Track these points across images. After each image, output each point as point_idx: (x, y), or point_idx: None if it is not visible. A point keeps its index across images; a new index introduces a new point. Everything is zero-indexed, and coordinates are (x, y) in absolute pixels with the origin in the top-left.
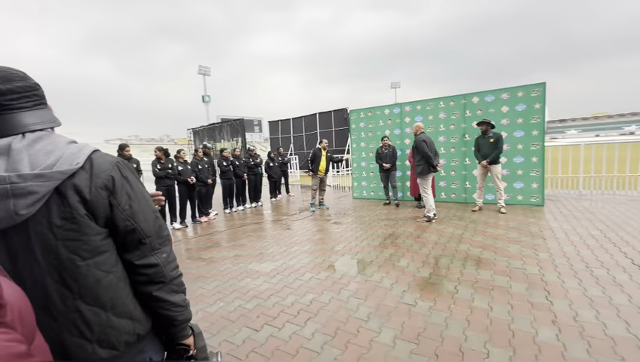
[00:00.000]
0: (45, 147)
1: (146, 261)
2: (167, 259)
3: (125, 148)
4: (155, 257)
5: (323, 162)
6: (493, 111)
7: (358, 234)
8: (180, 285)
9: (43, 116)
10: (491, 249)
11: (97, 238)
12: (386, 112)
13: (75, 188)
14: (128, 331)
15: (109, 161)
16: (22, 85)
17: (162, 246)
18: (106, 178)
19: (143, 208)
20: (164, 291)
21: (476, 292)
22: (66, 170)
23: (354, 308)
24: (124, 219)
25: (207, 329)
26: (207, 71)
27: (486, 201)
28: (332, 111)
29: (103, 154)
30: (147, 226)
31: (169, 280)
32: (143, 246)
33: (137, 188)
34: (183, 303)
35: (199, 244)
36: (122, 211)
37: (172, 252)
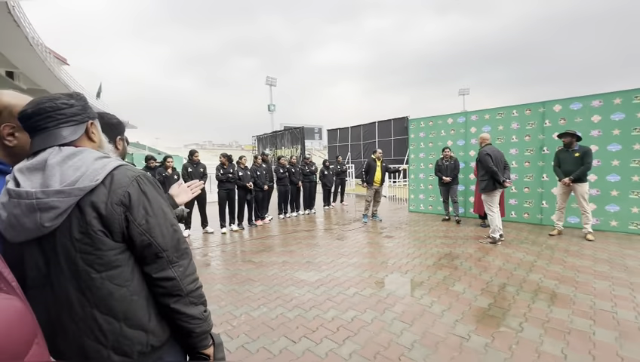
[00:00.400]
0: (75, 163)
1: (163, 274)
2: (184, 273)
3: (195, 154)
4: (172, 271)
5: (378, 173)
6: (580, 120)
7: (411, 251)
8: (199, 297)
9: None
10: (571, 283)
11: (111, 253)
12: (449, 121)
13: (92, 205)
14: (141, 342)
15: (129, 176)
16: (44, 106)
17: (180, 260)
18: (122, 194)
19: (160, 222)
20: (181, 303)
21: (547, 333)
22: (84, 186)
23: (397, 332)
24: (140, 234)
25: (248, 333)
26: (273, 81)
27: (568, 225)
28: (392, 120)
29: (126, 169)
30: (164, 241)
31: (186, 293)
32: (160, 260)
33: (156, 202)
34: (200, 316)
35: (252, 247)
36: (138, 226)
37: (191, 265)
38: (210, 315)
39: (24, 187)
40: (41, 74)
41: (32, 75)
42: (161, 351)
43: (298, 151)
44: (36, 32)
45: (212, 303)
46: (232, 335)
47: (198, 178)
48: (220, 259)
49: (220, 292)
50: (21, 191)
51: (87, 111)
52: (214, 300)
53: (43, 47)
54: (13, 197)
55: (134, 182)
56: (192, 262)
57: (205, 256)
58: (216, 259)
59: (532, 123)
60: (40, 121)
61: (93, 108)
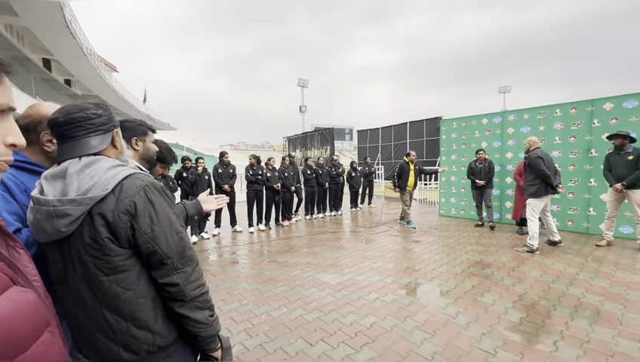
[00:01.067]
0: (91, 172)
1: (167, 280)
2: (187, 279)
3: (224, 156)
4: (176, 276)
5: (412, 176)
6: (635, 120)
7: (439, 258)
8: (205, 302)
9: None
10: (619, 300)
11: (118, 259)
12: (484, 122)
13: (100, 213)
14: (148, 342)
15: (137, 185)
16: (75, 116)
17: (185, 266)
18: (128, 203)
19: (166, 230)
20: (185, 308)
21: (585, 355)
22: (95, 196)
23: (418, 342)
24: (145, 242)
25: (267, 332)
26: (305, 83)
27: (619, 235)
28: (424, 120)
29: (135, 178)
30: (168, 248)
31: (190, 299)
32: (165, 266)
33: (162, 211)
34: (205, 320)
35: (277, 247)
36: (144, 234)
37: (196, 271)
38: (216, 320)
39: (47, 194)
40: (94, 81)
41: (86, 82)
42: (168, 351)
43: (327, 153)
44: (90, 43)
45: (235, 301)
46: (252, 334)
47: (227, 179)
48: (246, 257)
49: (243, 291)
50: (41, 199)
51: (113, 120)
52: (237, 298)
53: (95, 57)
54: (35, 203)
55: (142, 191)
56: (197, 268)
57: (233, 254)
58: (242, 258)
59: (578, 123)
60: (70, 130)
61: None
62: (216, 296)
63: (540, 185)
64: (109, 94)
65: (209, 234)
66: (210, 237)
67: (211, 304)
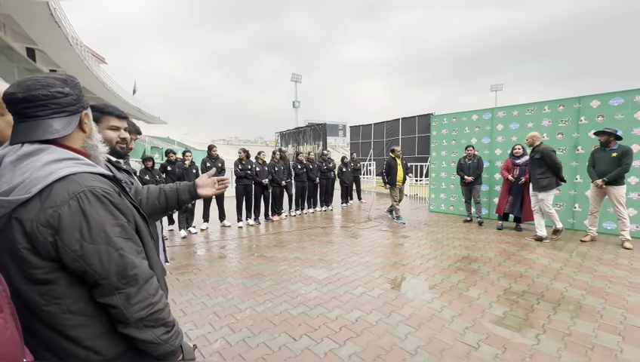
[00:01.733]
0: (27, 166)
1: (106, 301)
2: (128, 301)
3: (212, 149)
4: (116, 298)
5: (400, 171)
6: (621, 117)
7: (427, 252)
8: (157, 321)
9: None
10: (600, 294)
11: (39, 271)
12: (474, 118)
13: (18, 219)
14: (79, 356)
15: (70, 191)
16: (38, 93)
17: (126, 287)
18: (50, 214)
19: (100, 248)
20: (130, 329)
21: (566, 348)
22: (14, 199)
23: (402, 336)
24: (73, 260)
25: (251, 327)
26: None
27: (603, 231)
28: (416, 117)
29: (72, 182)
30: (102, 268)
31: (134, 321)
32: (101, 287)
33: (97, 224)
34: (156, 340)
35: (266, 242)
36: (71, 251)
37: (142, 291)
38: (173, 336)
39: None
40: (81, 72)
41: (73, 73)
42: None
43: (320, 148)
44: (75, 32)
45: (219, 296)
46: (235, 329)
47: (216, 173)
48: (233, 252)
49: (229, 285)
50: None
51: (82, 100)
52: (222, 293)
53: (82, 47)
54: None
55: (73, 200)
56: (144, 288)
57: (220, 248)
58: (230, 253)
59: (565, 120)
60: (30, 109)
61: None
62: (200, 291)
63: (551, 177)
64: (96, 86)
65: (197, 229)
66: (198, 232)
67: (167, 320)
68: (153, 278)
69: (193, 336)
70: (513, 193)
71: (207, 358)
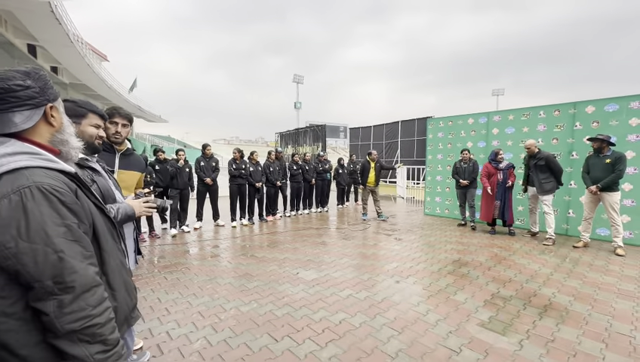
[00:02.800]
0: None
1: (38, 305)
2: (60, 309)
3: (207, 148)
4: (48, 304)
5: (372, 174)
6: (616, 124)
7: (418, 256)
8: (94, 336)
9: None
10: (588, 301)
11: None
12: (470, 122)
13: None
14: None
15: (14, 185)
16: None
17: (60, 294)
18: None
19: (37, 247)
20: (60, 341)
21: (548, 354)
22: None
23: (384, 339)
24: (5, 258)
25: (233, 327)
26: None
27: (597, 237)
28: (415, 120)
29: (20, 176)
30: (37, 269)
31: (64, 333)
32: (35, 289)
33: (37, 222)
34: (87, 358)
35: (258, 242)
36: (5, 248)
37: (79, 300)
38: (112, 357)
39: None
40: (82, 69)
41: (74, 70)
42: None
43: (319, 149)
44: (77, 29)
45: (205, 295)
46: (217, 329)
47: (210, 172)
48: (224, 252)
49: (216, 285)
50: None
51: (47, 93)
52: (208, 292)
53: (83, 44)
54: None
55: (16, 194)
56: (81, 297)
57: (211, 248)
58: (220, 252)
59: (560, 125)
60: None
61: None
62: (187, 289)
63: (553, 181)
64: (97, 83)
65: (190, 228)
66: (191, 231)
67: (106, 338)
68: (97, 288)
69: (175, 336)
70: (500, 198)
71: (187, 358)
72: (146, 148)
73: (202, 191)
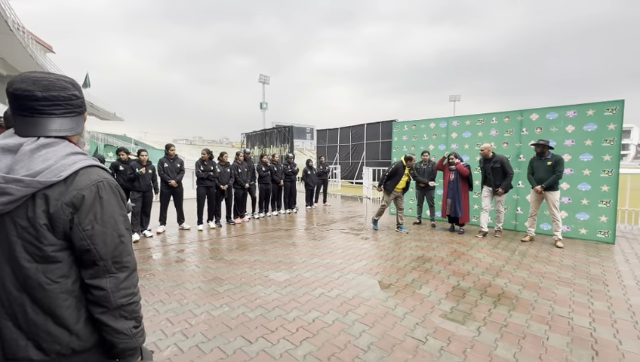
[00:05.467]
0: (46, 154)
1: (95, 282)
2: (117, 286)
3: (170, 148)
4: (105, 281)
5: (404, 179)
6: (555, 130)
7: (385, 253)
8: (132, 312)
9: (63, 124)
10: (534, 288)
11: (50, 248)
12: (432, 126)
13: (44, 198)
14: (62, 342)
15: (92, 179)
16: (57, 95)
17: (118, 272)
18: (74, 195)
19: (107, 231)
20: (107, 316)
21: (502, 338)
22: (45, 180)
23: (356, 334)
24: (81, 239)
25: (205, 332)
26: (266, 80)
27: (541, 231)
28: (380, 123)
29: (92, 172)
30: (105, 249)
31: (114, 307)
32: (96, 268)
33: (109, 210)
34: (127, 331)
35: (226, 245)
36: (82, 230)
37: (129, 279)
38: (141, 332)
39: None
40: (23, 61)
41: (14, 61)
42: (84, 356)
43: (287, 150)
44: (17, 16)
45: (174, 301)
46: (188, 334)
47: (174, 173)
48: (191, 256)
49: (184, 290)
50: None
51: (84, 103)
52: (177, 298)
53: (25, 33)
54: None
55: (94, 186)
56: (131, 276)
57: (177, 252)
58: (187, 256)
59: (510, 130)
60: (48, 107)
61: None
62: (153, 296)
63: (509, 182)
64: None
65: (152, 232)
66: (153, 235)
67: (139, 315)
68: (136, 271)
69: None
70: (451, 196)
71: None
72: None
73: (166, 194)
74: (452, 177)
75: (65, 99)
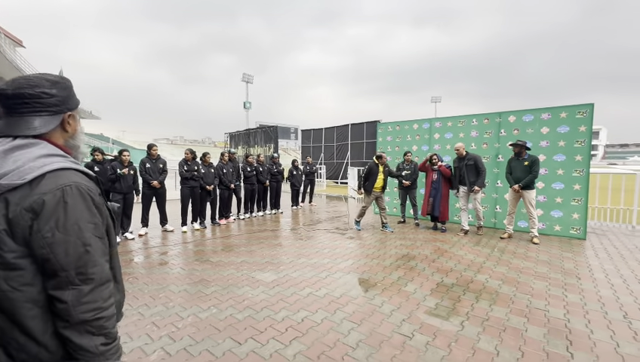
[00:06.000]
0: (18, 156)
1: (57, 294)
2: (78, 299)
3: (152, 148)
4: (67, 293)
5: (380, 178)
6: (531, 131)
7: (371, 252)
8: (100, 328)
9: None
10: (513, 283)
11: (11, 255)
12: (415, 127)
13: (5, 202)
14: (30, 352)
15: (59, 183)
16: (24, 92)
17: (81, 284)
18: (35, 200)
19: (70, 239)
20: (70, 331)
21: (484, 331)
22: (6, 183)
23: (345, 332)
24: (41, 247)
25: (193, 335)
26: (250, 79)
27: (518, 229)
28: (364, 123)
29: (61, 175)
30: (66, 259)
31: (76, 322)
32: (58, 278)
33: (74, 217)
34: (93, 349)
35: (212, 247)
36: (42, 238)
37: (95, 292)
38: (112, 350)
39: None
40: None
41: None
42: None
43: (271, 150)
44: None
45: (159, 304)
46: (175, 338)
47: (156, 174)
48: (176, 258)
49: (170, 293)
50: None
51: (68, 102)
52: (162, 301)
53: None
54: None
55: (59, 190)
56: (98, 290)
57: (161, 255)
58: (172, 259)
59: (489, 132)
60: (17, 105)
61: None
62: (137, 300)
63: (483, 179)
64: (10, 72)
65: (134, 235)
66: (135, 238)
67: (109, 331)
68: (109, 284)
69: (127, 349)
70: (433, 195)
71: None
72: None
73: (148, 195)
74: (435, 177)
75: (32, 96)
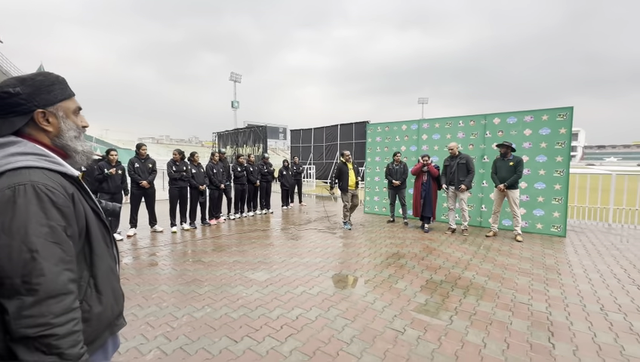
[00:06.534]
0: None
1: (3, 301)
2: (19, 312)
3: (141, 148)
4: (8, 302)
5: (352, 176)
6: (515, 133)
7: (362, 251)
8: (49, 347)
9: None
10: (498, 279)
11: None
12: (403, 128)
13: None
14: None
15: (13, 181)
16: None
17: (25, 295)
18: None
19: (13, 244)
20: (15, 345)
21: (472, 325)
22: None
23: (339, 328)
24: None
25: (189, 334)
26: (238, 78)
27: (503, 227)
28: (353, 124)
29: (20, 174)
30: (10, 266)
31: (18, 337)
32: (3, 285)
33: (21, 219)
34: None
35: (203, 247)
36: None
37: (41, 306)
38: None
39: None
40: None
41: None
42: None
43: (260, 150)
44: None
45: (152, 305)
46: (171, 337)
47: (145, 174)
48: (167, 259)
49: (162, 293)
50: None
51: (36, 99)
52: (155, 301)
53: None
54: None
55: (10, 189)
56: (44, 302)
57: (151, 255)
58: (162, 259)
59: (475, 133)
60: None
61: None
62: (130, 301)
63: (471, 179)
64: None
65: (122, 236)
66: (123, 239)
67: (64, 352)
68: (66, 297)
69: (122, 350)
70: (423, 196)
71: None
72: None
73: (137, 195)
74: (425, 178)
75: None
